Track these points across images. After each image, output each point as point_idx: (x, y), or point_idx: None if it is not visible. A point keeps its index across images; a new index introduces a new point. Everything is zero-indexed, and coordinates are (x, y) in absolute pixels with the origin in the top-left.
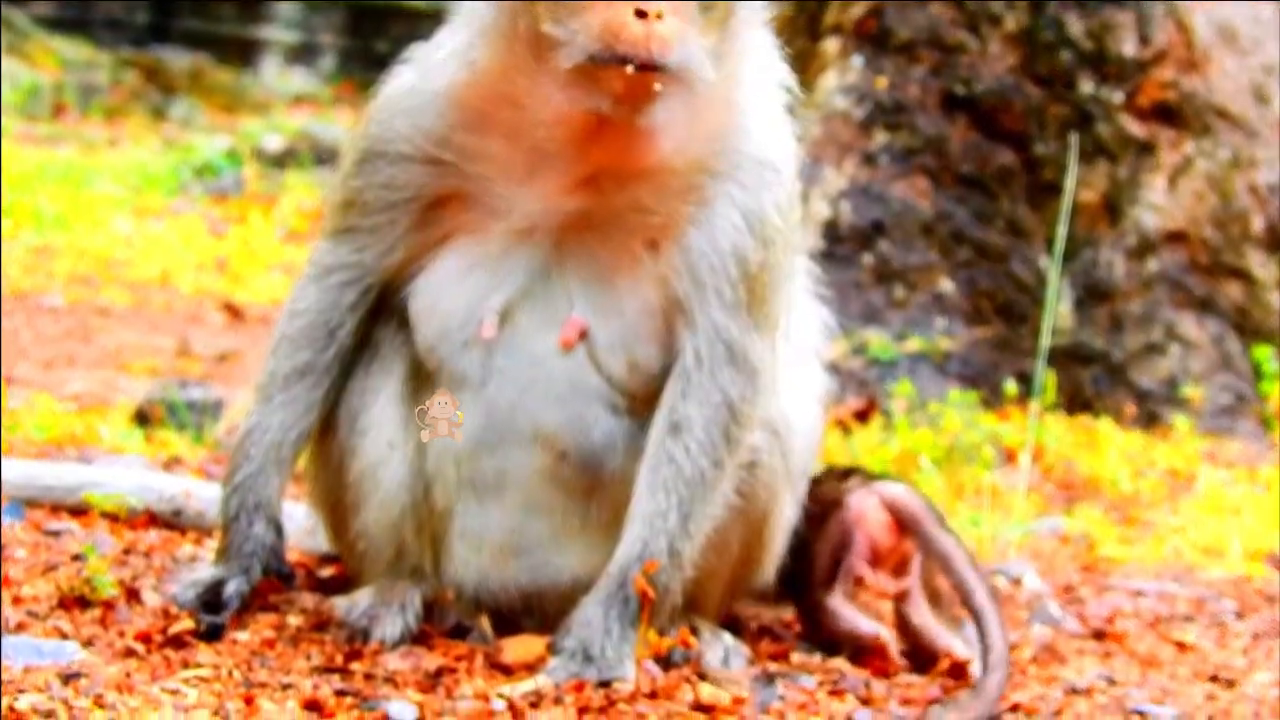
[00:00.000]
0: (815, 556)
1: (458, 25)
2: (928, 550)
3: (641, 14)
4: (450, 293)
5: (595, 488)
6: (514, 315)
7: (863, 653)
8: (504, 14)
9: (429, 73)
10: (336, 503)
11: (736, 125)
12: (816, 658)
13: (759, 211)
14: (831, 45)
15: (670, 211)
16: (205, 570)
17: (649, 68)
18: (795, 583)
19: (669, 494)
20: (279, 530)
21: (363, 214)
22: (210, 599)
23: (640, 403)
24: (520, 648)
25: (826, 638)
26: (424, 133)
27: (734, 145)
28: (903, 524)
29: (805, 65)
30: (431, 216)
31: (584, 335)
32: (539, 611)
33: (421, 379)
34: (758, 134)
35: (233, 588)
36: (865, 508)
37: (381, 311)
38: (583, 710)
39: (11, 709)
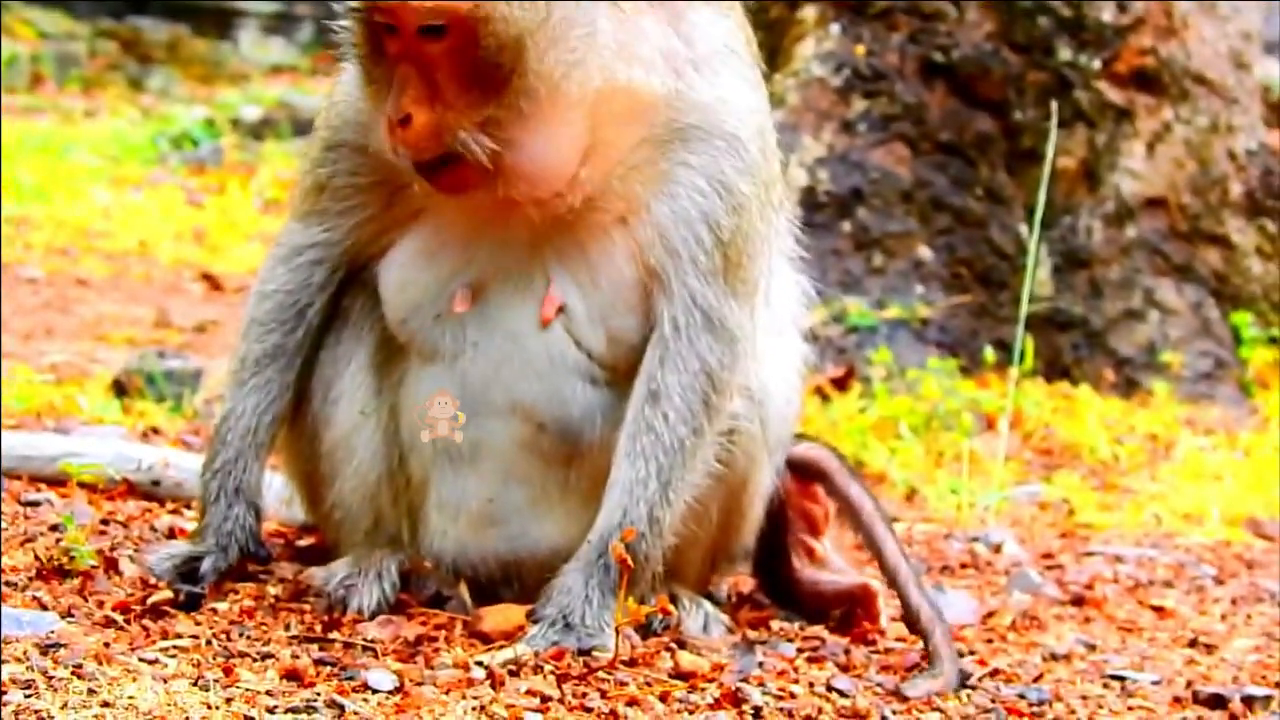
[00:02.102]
0: (767, 539)
1: None
2: (839, 505)
3: (394, 122)
4: (421, 268)
5: (574, 457)
6: (487, 290)
7: (855, 606)
8: None
9: None
10: (312, 472)
11: (687, 98)
12: (796, 625)
13: (723, 177)
14: (809, 12)
15: (629, 189)
16: (182, 546)
17: (419, 167)
18: (766, 573)
19: (648, 462)
20: (257, 513)
21: (331, 198)
22: (187, 573)
23: (620, 374)
24: (499, 616)
25: (815, 609)
26: (370, 127)
27: (684, 118)
28: (814, 480)
29: (783, 32)
30: (399, 197)
31: (561, 310)
32: (517, 580)
33: (393, 347)
34: (709, 104)
35: (209, 564)
36: (785, 477)
37: (351, 283)
38: (562, 678)
39: None
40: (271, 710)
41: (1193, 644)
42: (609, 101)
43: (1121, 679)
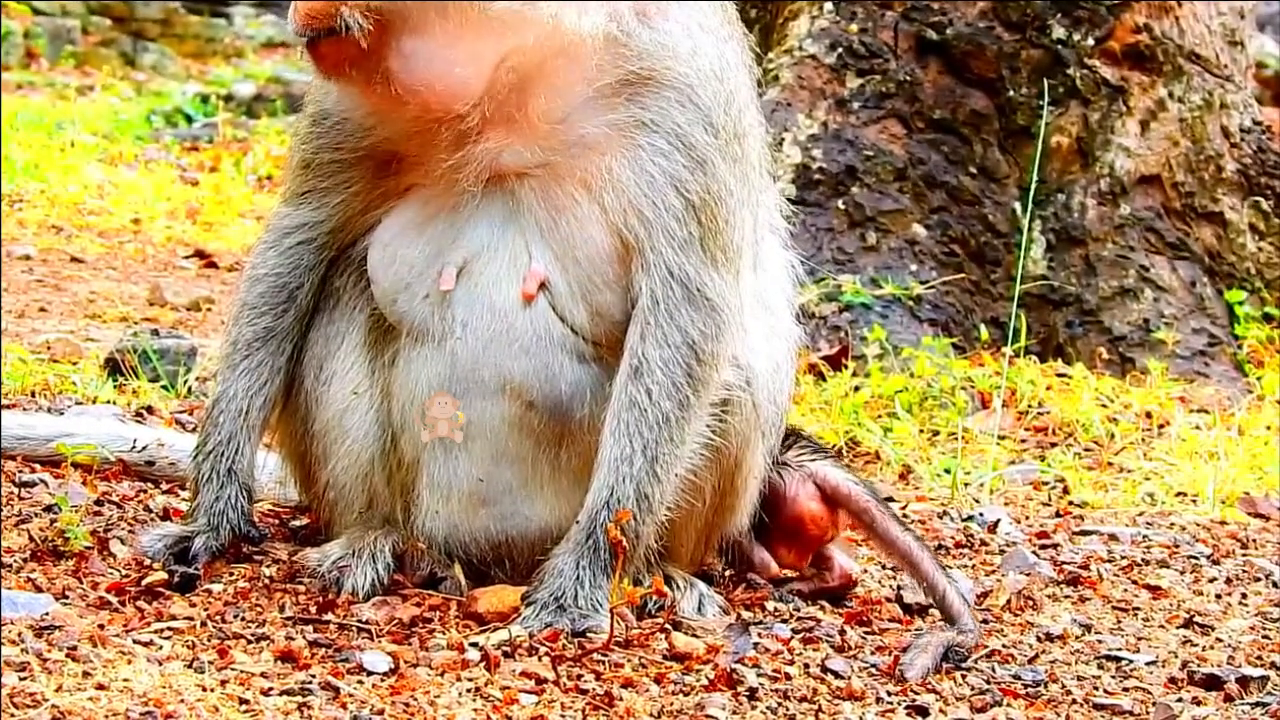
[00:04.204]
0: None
1: None
2: (884, 547)
3: None
4: (407, 244)
5: (564, 435)
6: (472, 267)
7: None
8: None
9: None
10: (305, 452)
11: (628, 46)
12: (791, 606)
13: (679, 131)
14: None
15: (585, 146)
16: (175, 527)
17: (308, 43)
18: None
19: (632, 439)
20: (249, 494)
21: (319, 175)
22: (179, 553)
23: (608, 350)
24: (494, 598)
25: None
26: (354, 97)
27: (627, 65)
28: (839, 509)
29: (777, 11)
30: (385, 173)
31: (544, 286)
32: (508, 560)
33: (386, 327)
34: (650, 51)
35: (200, 544)
36: (800, 494)
37: (342, 262)
38: (557, 660)
39: None
40: (266, 692)
41: (1188, 624)
42: (534, 38)
43: (1117, 659)
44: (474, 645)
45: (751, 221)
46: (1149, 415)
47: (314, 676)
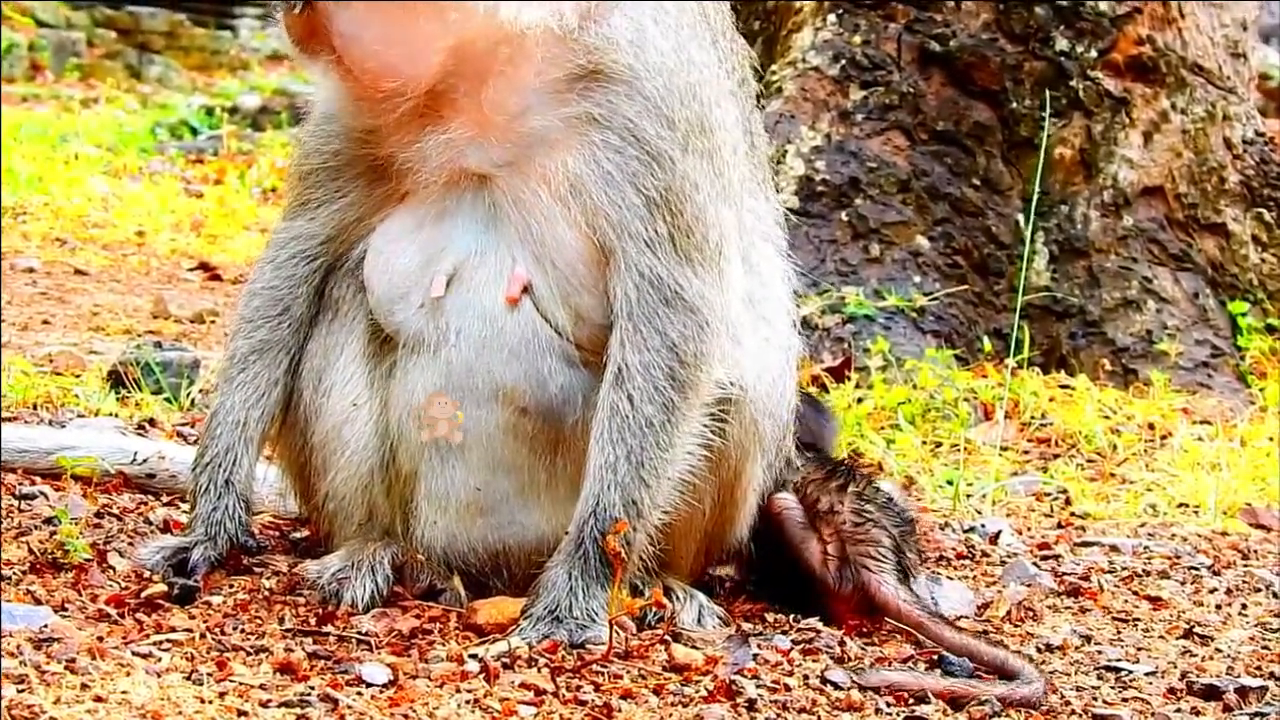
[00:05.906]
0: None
1: None
2: (939, 646)
3: None
4: (400, 254)
5: (558, 442)
6: (462, 273)
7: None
8: None
9: None
10: (305, 464)
11: (575, 42)
12: (791, 617)
13: (629, 125)
14: (806, 2)
15: (541, 142)
16: (173, 539)
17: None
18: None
19: (616, 445)
20: (247, 505)
21: (313, 185)
22: (177, 564)
23: (595, 354)
24: (493, 609)
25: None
26: (350, 102)
27: (576, 59)
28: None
29: (780, 22)
30: (377, 182)
31: (528, 289)
32: (507, 570)
33: (383, 337)
34: (597, 46)
35: (199, 554)
36: (846, 600)
37: (340, 274)
38: (556, 671)
39: None
40: (265, 704)
41: (1188, 635)
42: (473, 27)
43: (1116, 670)
44: (473, 657)
45: (732, 218)
46: (1151, 426)
47: (313, 688)
